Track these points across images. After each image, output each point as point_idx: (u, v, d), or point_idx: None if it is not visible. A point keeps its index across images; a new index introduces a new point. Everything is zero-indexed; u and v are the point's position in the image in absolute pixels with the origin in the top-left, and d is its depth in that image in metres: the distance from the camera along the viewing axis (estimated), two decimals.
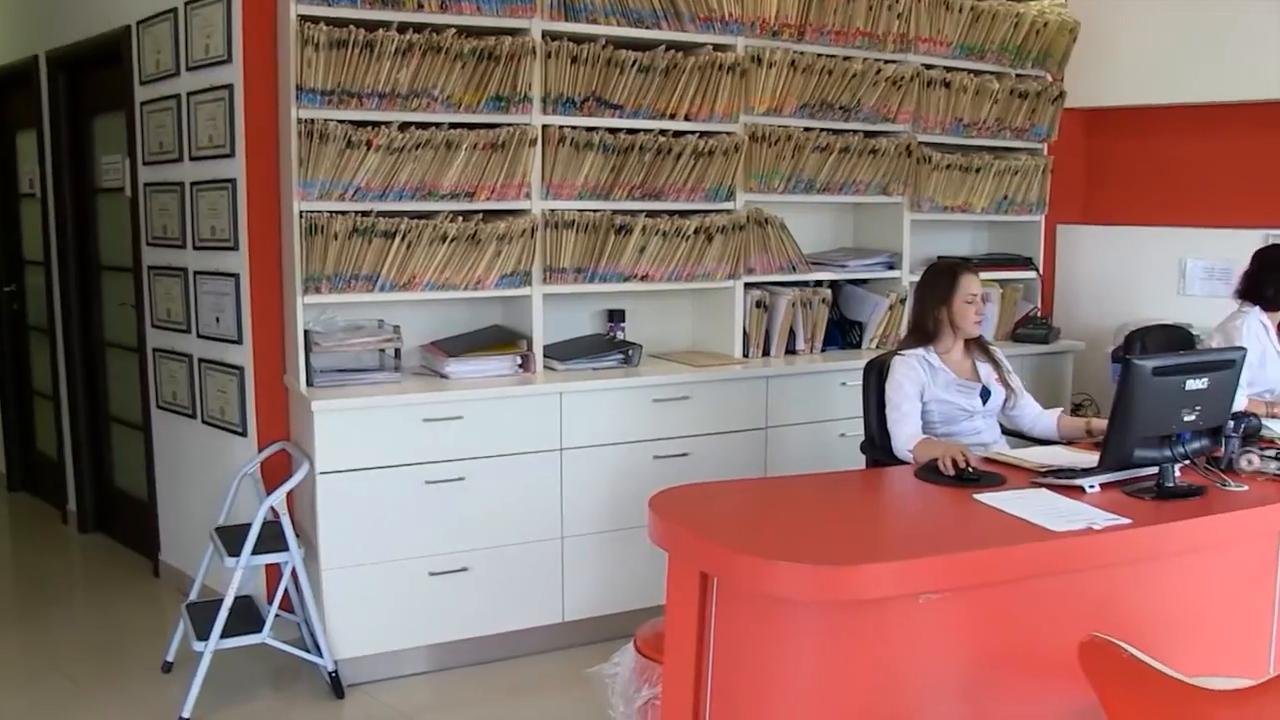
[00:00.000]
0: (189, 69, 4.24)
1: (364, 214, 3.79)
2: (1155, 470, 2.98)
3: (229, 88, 4.03)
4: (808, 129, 4.59)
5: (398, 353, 4.00)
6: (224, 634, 3.53)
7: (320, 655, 3.71)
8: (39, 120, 5.44)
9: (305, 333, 3.85)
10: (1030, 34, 5.22)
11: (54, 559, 5.28)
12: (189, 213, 4.34)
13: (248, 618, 3.68)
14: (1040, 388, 5.08)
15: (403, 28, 3.77)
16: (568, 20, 4.07)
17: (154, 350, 4.72)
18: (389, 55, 3.73)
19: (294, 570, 3.68)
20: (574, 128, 4.09)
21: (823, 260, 4.93)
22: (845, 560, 2.44)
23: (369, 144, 3.74)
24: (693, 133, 4.32)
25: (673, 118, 4.29)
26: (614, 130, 4.17)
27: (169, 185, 4.46)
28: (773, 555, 2.44)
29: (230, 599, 3.54)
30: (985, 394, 3.71)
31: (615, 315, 4.53)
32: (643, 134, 4.21)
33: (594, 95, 4.13)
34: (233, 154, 4.04)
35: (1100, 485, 2.98)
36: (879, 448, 3.74)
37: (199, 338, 4.38)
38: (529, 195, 4.07)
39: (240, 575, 3.56)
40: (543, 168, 4.08)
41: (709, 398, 4.27)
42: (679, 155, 4.28)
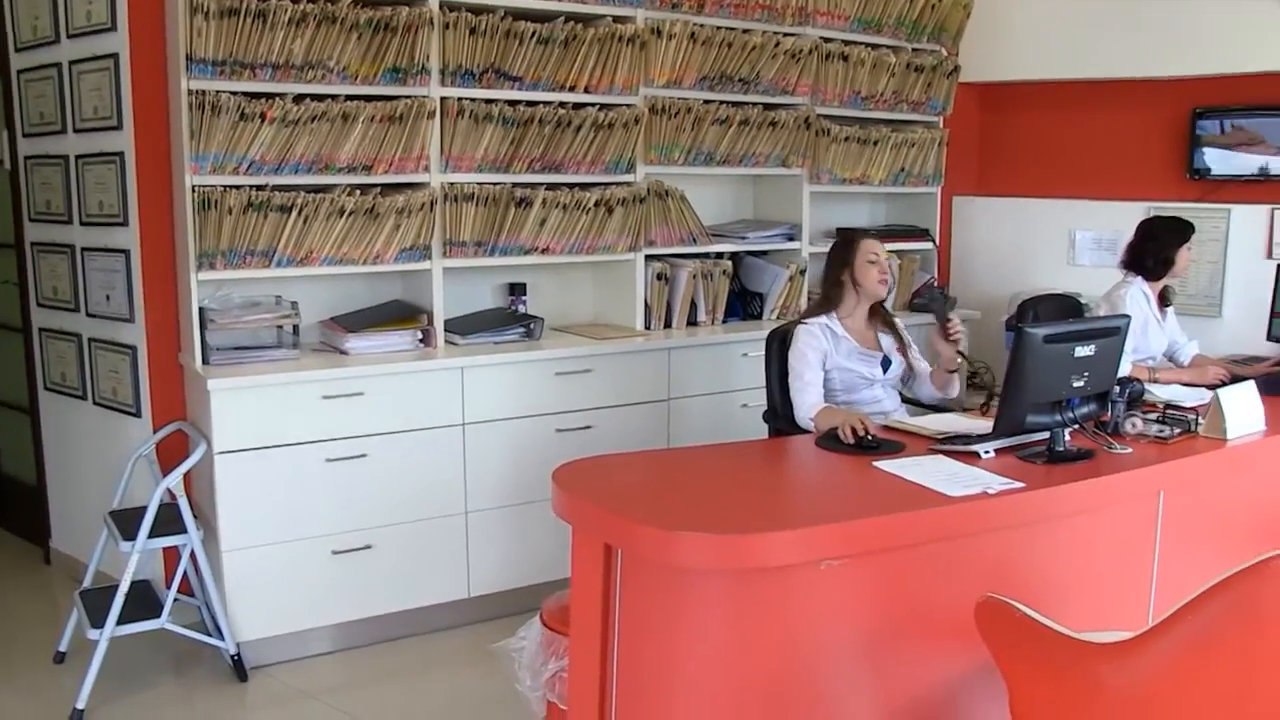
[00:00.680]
0: (70, 36, 4.09)
1: (259, 188, 3.71)
2: (1047, 435, 3.06)
3: (114, 57, 3.90)
4: (707, 101, 4.61)
5: (296, 329, 3.93)
6: (120, 620, 3.45)
7: (222, 639, 3.65)
8: None
9: (200, 310, 3.77)
10: (925, 8, 5.30)
11: None
12: (75, 187, 4.20)
13: (145, 603, 3.60)
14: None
15: None
16: None
17: (40, 330, 4.56)
18: (282, 25, 3.65)
19: (193, 553, 3.61)
20: (473, 100, 4.05)
21: (723, 232, 4.96)
22: (747, 529, 2.47)
23: (263, 116, 3.66)
24: (593, 105, 4.30)
25: (572, 90, 4.27)
26: (513, 102, 4.14)
27: (52, 159, 4.31)
28: (675, 526, 2.46)
29: (126, 584, 3.46)
30: (886, 363, 3.77)
31: (516, 289, 4.52)
32: (542, 106, 4.18)
33: (493, 67, 4.09)
34: (120, 126, 3.92)
35: (995, 451, 3.05)
36: (781, 417, 3.79)
37: (88, 316, 4.25)
38: (428, 168, 4.02)
39: (136, 559, 3.47)
40: (441, 140, 4.03)
41: (611, 370, 4.27)
42: (579, 127, 4.26)
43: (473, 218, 4.12)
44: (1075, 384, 3.03)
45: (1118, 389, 3.26)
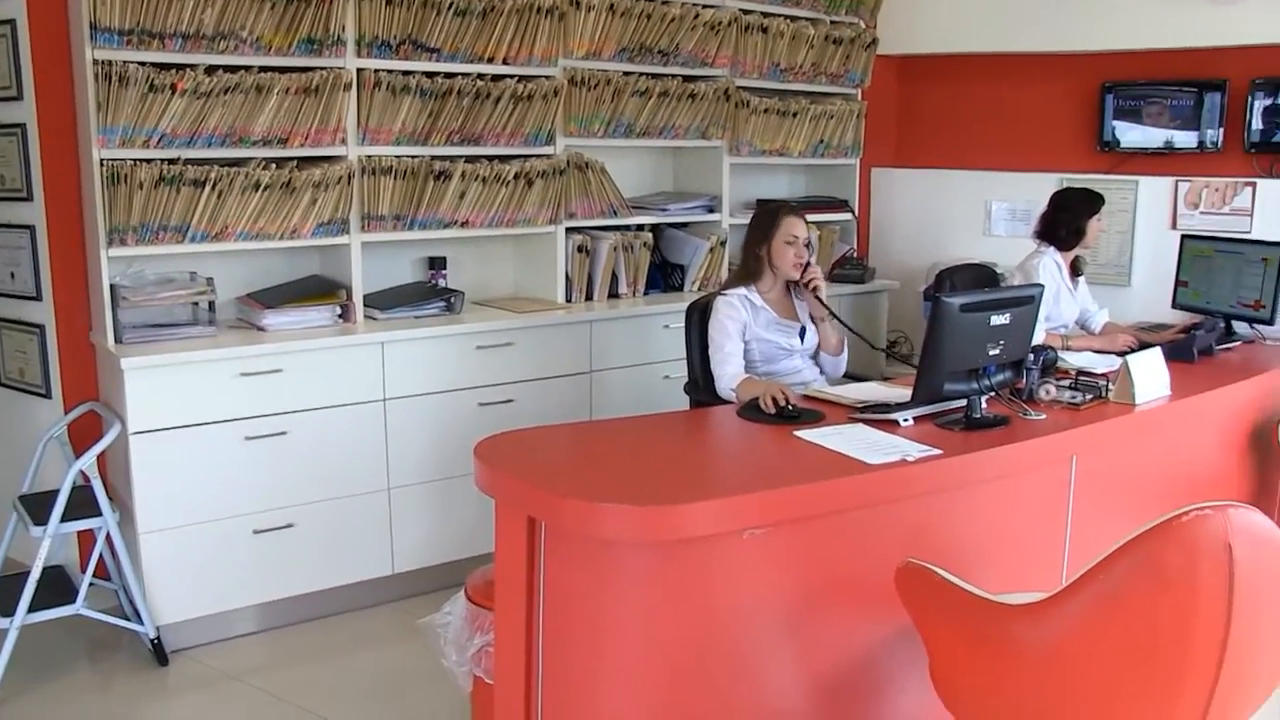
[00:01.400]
0: None
1: (171, 162, 3.62)
2: (964, 402, 3.12)
3: (11, 23, 3.77)
4: (627, 73, 4.59)
5: (212, 306, 3.85)
6: (32, 608, 3.36)
7: (140, 623, 3.58)
8: None
9: (111, 287, 3.68)
10: None
11: None
12: None
13: (59, 589, 3.52)
14: (857, 325, 5.24)
15: None
16: None
17: None
18: None
19: (109, 536, 3.53)
20: (390, 71, 3.99)
21: (643, 204, 4.96)
22: (670, 500, 2.48)
23: (174, 88, 3.57)
24: (511, 76, 4.26)
25: (490, 61, 4.23)
26: (431, 74, 4.08)
27: None
28: (598, 498, 2.47)
29: (38, 570, 3.38)
30: (803, 333, 3.81)
31: (436, 263, 4.47)
32: (460, 78, 4.13)
33: (410, 38, 4.03)
34: (20, 96, 3.80)
35: (913, 418, 3.11)
36: (702, 389, 3.81)
37: None
38: (345, 141, 3.96)
39: (49, 544, 3.39)
40: (358, 112, 3.97)
41: (532, 343, 4.26)
42: (498, 99, 4.22)
43: (391, 191, 4.07)
44: (991, 352, 3.09)
45: (1032, 357, 3.33)
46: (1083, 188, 4.58)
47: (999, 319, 3.07)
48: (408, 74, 4.03)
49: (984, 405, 3.13)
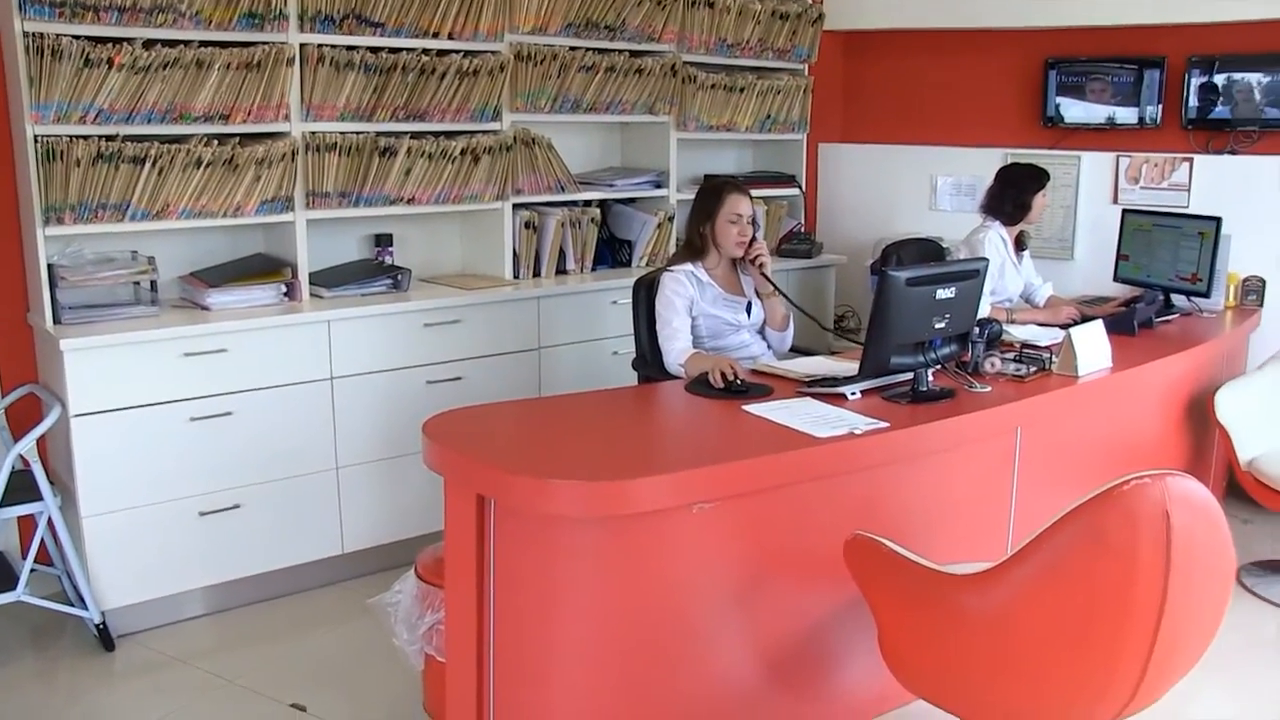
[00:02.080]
0: None
1: (109, 138, 3.55)
2: (911, 376, 3.15)
3: None
4: (573, 48, 4.56)
5: (154, 285, 3.79)
6: None
7: (85, 608, 3.54)
8: None
9: (49, 267, 3.60)
10: None
11: None
12: None
13: None
14: (805, 300, 5.28)
15: None
16: None
17: None
18: None
19: (50, 520, 3.48)
20: (333, 46, 3.93)
21: (591, 180, 4.94)
22: (619, 475, 2.49)
23: (110, 62, 3.50)
24: (457, 52, 4.22)
25: (435, 36, 4.18)
26: (375, 49, 4.03)
27: None
28: (547, 474, 2.47)
29: None
30: (750, 308, 3.82)
31: (383, 240, 4.44)
32: (405, 53, 4.09)
33: (353, 13, 3.97)
34: None
35: (861, 392, 3.13)
36: (650, 364, 3.81)
37: None
38: (288, 117, 3.91)
39: None
40: (302, 88, 3.92)
41: (480, 320, 4.24)
42: (443, 75, 4.18)
43: (336, 168, 4.02)
44: (937, 325, 3.12)
45: (977, 330, 3.37)
46: (1028, 163, 4.63)
47: (945, 293, 3.09)
48: (352, 49, 3.97)
49: (930, 378, 3.16)
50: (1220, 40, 4.81)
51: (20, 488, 3.41)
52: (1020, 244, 4.64)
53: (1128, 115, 5.08)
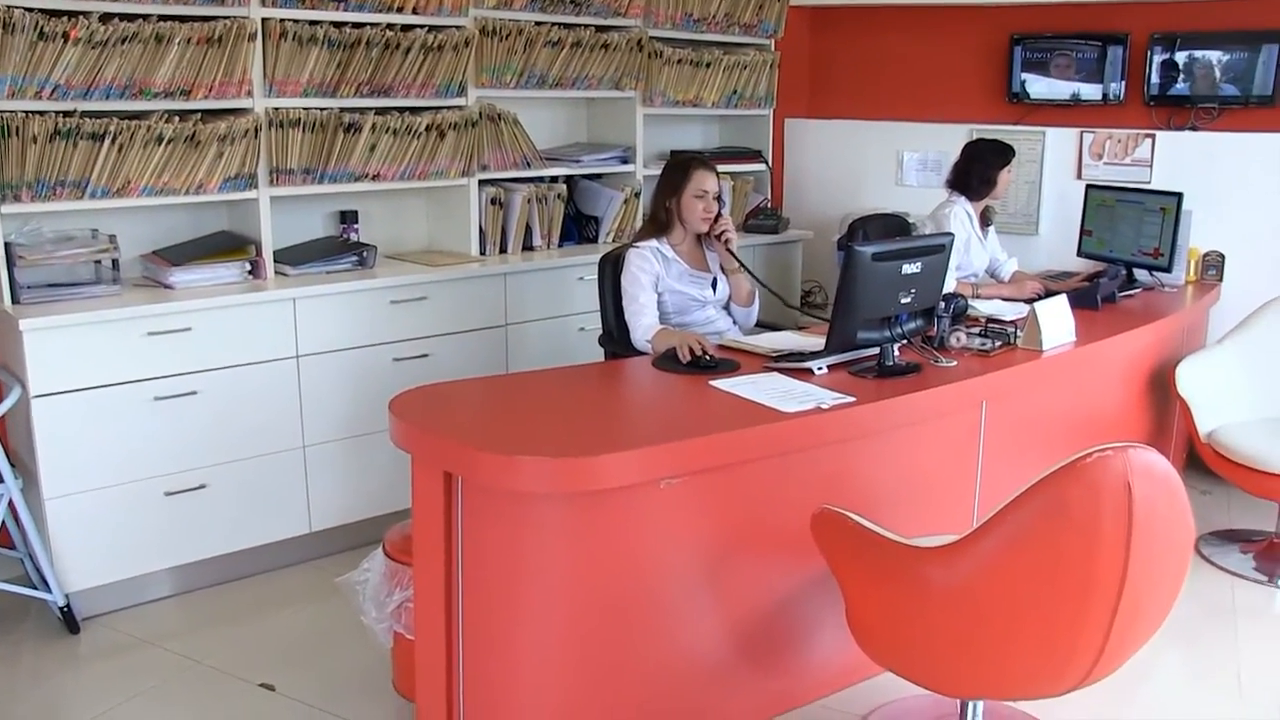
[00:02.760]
0: None
1: (66, 114, 3.50)
2: (877, 350, 3.17)
3: None
4: (539, 23, 4.53)
5: (115, 264, 3.75)
6: None
7: (49, 591, 3.50)
8: None
9: (6, 245, 3.55)
10: None
11: None
12: None
13: None
14: (771, 275, 5.30)
15: None
16: None
17: None
18: None
19: (11, 503, 3.44)
20: (296, 21, 3.89)
21: (557, 156, 4.92)
22: (587, 451, 2.49)
23: (66, 36, 3.44)
24: (421, 27, 4.18)
25: (400, 11, 4.14)
26: (339, 24, 3.99)
27: None
28: (515, 451, 2.47)
29: None
30: (715, 284, 3.82)
31: (348, 217, 4.40)
32: (369, 28, 4.04)
33: None
34: None
35: (827, 367, 3.14)
36: (617, 340, 3.81)
37: None
38: (251, 93, 3.86)
39: None
40: (264, 64, 3.87)
41: (447, 297, 4.22)
42: (408, 50, 4.14)
43: (300, 144, 3.98)
44: (903, 300, 3.14)
45: (943, 305, 3.39)
46: (993, 139, 4.65)
47: (910, 268, 3.11)
48: (314, 24, 3.93)
49: (896, 353, 3.18)
50: (1182, 18, 4.84)
51: None
52: (986, 219, 4.67)
53: (1092, 92, 5.11)
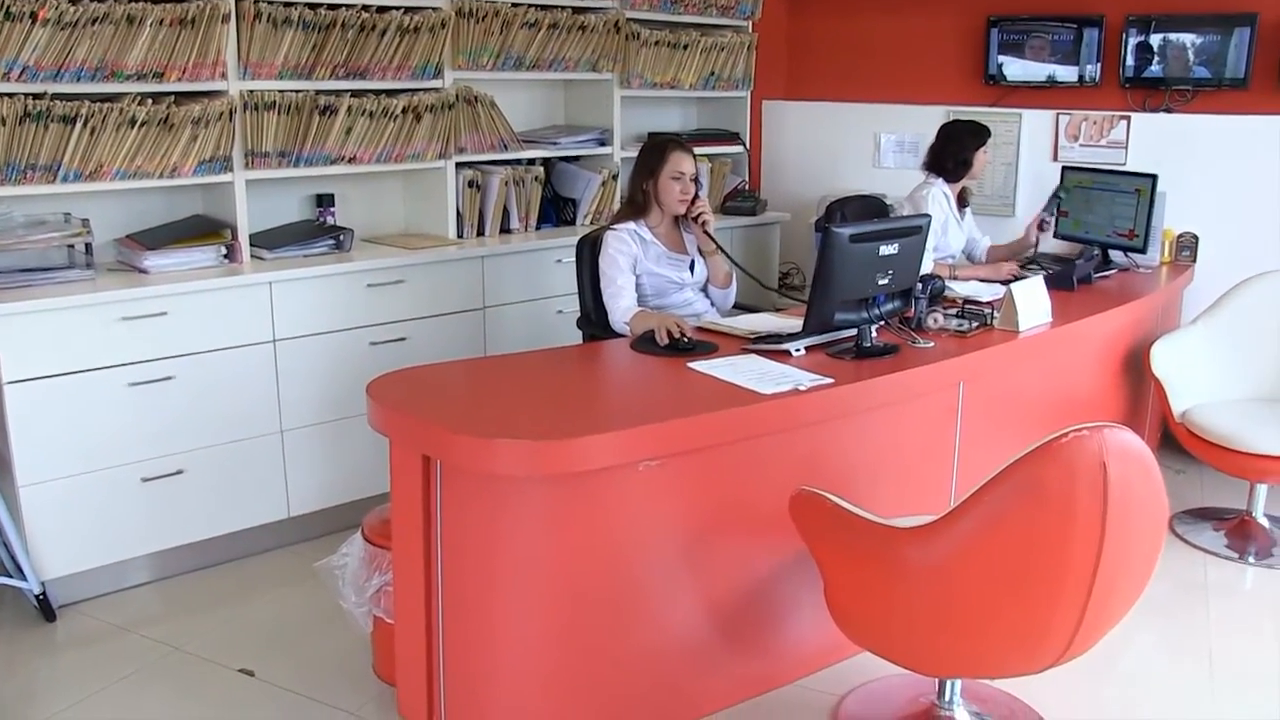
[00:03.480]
0: None
1: (36, 96, 3.46)
2: (854, 332, 3.18)
3: None
4: (516, 4, 4.51)
5: (89, 248, 3.71)
6: None
7: (24, 578, 3.48)
8: None
9: None
10: None
11: None
12: None
13: None
14: (749, 257, 5.30)
15: None
16: None
17: None
18: None
19: None
20: (270, 2, 3.85)
21: (535, 138, 4.90)
22: (565, 434, 2.49)
23: (35, 17, 3.39)
24: (397, 8, 4.15)
25: None
26: (314, 5, 3.95)
27: None
28: (493, 434, 2.47)
29: None
30: (693, 266, 3.82)
31: (324, 200, 4.38)
32: (344, 9, 4.01)
33: None
34: None
35: (805, 348, 3.15)
36: (595, 323, 3.81)
37: None
38: (225, 75, 3.83)
39: None
40: (238, 46, 3.84)
41: (424, 280, 4.21)
42: (383, 32, 4.12)
43: (275, 127, 3.95)
44: (880, 282, 3.14)
45: (920, 286, 3.40)
46: (970, 120, 4.66)
47: (888, 249, 3.12)
48: (289, 5, 3.90)
49: (874, 334, 3.19)
50: (1156, 1, 4.85)
51: None
52: (963, 201, 4.69)
53: (1068, 73, 5.12)
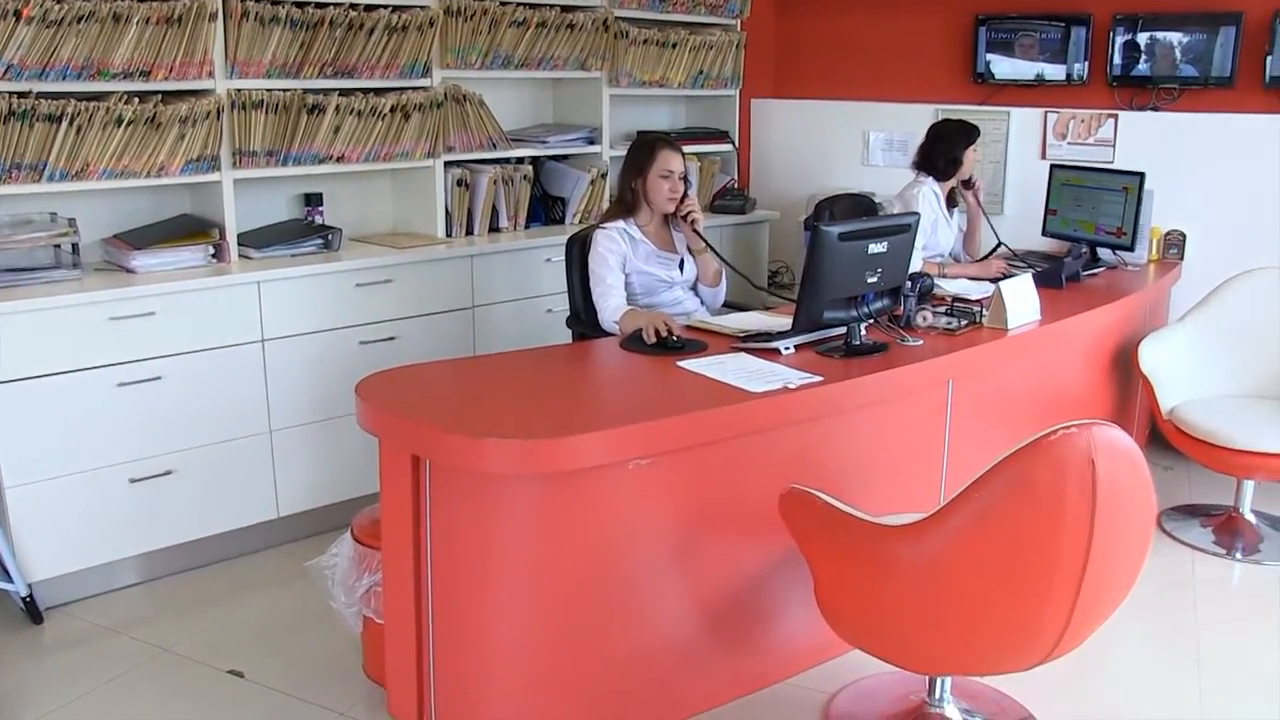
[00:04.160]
0: None
1: (21, 95, 3.44)
2: (844, 330, 3.18)
3: None
4: (504, 3, 4.50)
5: (75, 248, 3.70)
6: None
7: (10, 580, 3.46)
8: None
9: None
10: None
11: None
12: None
13: None
14: (739, 255, 5.30)
15: None
16: None
17: None
18: None
19: None
20: (258, 1, 3.84)
21: (523, 137, 4.90)
22: (555, 433, 2.49)
23: (19, 14, 3.38)
24: (385, 6, 4.14)
25: None
26: (301, 3, 3.95)
27: None
28: (483, 433, 2.46)
29: None
30: (682, 264, 3.82)
31: (312, 199, 4.37)
32: (332, 8, 4.00)
33: None
34: None
35: (795, 347, 3.15)
36: (584, 322, 3.80)
37: None
38: (212, 74, 3.81)
39: None
40: (226, 44, 3.82)
41: (413, 279, 4.20)
42: (371, 30, 4.11)
43: (263, 126, 3.94)
44: (870, 280, 3.15)
45: (909, 284, 3.40)
46: (959, 119, 4.67)
47: (877, 247, 3.12)
48: (277, 3, 3.88)
49: (863, 332, 3.19)
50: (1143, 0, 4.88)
51: None
52: (953, 200, 4.69)
53: (1056, 72, 5.13)
